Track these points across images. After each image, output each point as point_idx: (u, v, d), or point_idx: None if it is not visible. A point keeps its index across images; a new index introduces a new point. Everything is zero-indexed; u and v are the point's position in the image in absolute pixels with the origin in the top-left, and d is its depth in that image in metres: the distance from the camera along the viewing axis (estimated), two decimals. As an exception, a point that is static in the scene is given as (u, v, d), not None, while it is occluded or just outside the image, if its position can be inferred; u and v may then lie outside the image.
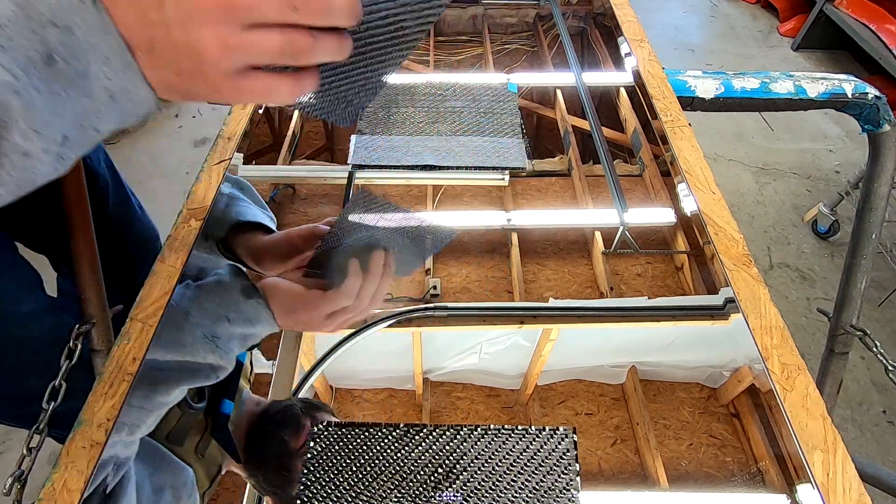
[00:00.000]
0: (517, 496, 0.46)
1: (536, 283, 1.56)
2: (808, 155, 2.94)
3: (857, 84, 0.88)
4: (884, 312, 2.22)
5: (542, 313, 1.23)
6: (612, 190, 1.11)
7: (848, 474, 0.46)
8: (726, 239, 0.63)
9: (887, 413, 1.93)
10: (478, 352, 1.34)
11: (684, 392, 1.37)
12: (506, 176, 1.38)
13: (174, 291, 0.57)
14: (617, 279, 1.53)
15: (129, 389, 0.52)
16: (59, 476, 0.47)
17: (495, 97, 0.71)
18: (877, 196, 0.93)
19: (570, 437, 0.49)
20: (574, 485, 0.46)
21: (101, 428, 0.49)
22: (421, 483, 0.47)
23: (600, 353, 1.37)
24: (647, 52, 0.91)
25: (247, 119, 0.81)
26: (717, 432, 1.29)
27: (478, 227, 1.68)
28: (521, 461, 0.47)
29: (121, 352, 0.54)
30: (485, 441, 0.49)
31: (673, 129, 0.76)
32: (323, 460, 0.51)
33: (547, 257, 1.62)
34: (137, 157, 2.85)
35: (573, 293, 1.53)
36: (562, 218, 1.69)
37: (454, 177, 1.34)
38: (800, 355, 0.54)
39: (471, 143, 0.65)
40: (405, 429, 0.50)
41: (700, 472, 1.23)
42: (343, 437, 0.52)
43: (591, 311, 1.23)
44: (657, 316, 1.21)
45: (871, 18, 3.09)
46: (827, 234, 2.47)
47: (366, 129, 0.68)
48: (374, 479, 0.48)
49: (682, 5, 4.20)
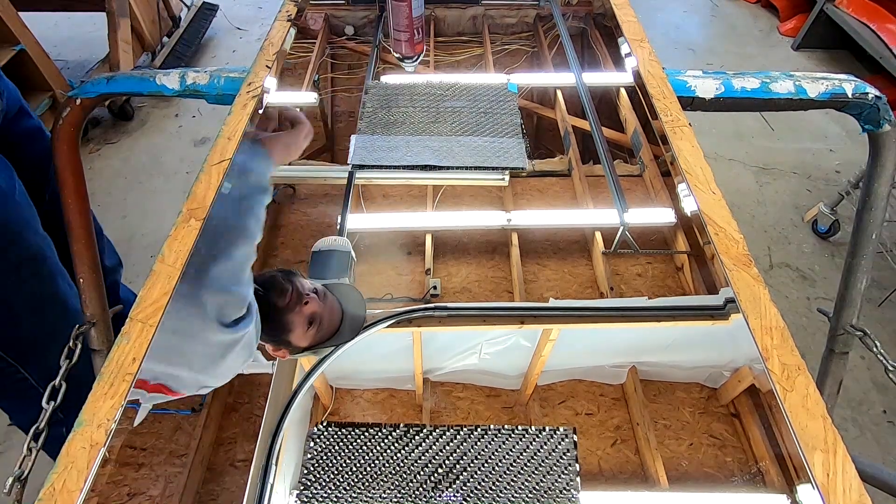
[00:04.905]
0: (517, 496, 0.46)
1: (536, 283, 1.56)
2: (809, 155, 2.94)
3: (857, 84, 0.88)
4: (884, 312, 2.22)
5: (542, 313, 1.23)
6: (613, 190, 1.11)
7: (848, 474, 0.46)
8: (726, 239, 0.63)
9: (887, 413, 1.93)
10: (478, 352, 1.34)
11: (684, 392, 1.37)
12: (506, 176, 1.37)
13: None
14: (617, 279, 1.53)
15: (128, 389, 0.52)
16: (59, 476, 0.47)
17: (495, 97, 0.71)
18: (877, 196, 0.93)
19: (570, 437, 0.48)
20: (574, 485, 0.46)
21: (101, 428, 0.49)
22: (421, 483, 0.47)
23: (600, 353, 1.37)
24: (648, 52, 0.91)
25: (247, 119, 0.81)
26: (717, 432, 1.29)
27: (478, 227, 1.68)
28: (521, 461, 0.47)
29: (121, 352, 0.54)
30: (485, 441, 0.49)
31: (673, 129, 0.76)
32: (323, 460, 0.51)
33: (547, 257, 1.62)
34: (137, 157, 2.85)
35: (573, 293, 1.53)
36: (562, 218, 1.69)
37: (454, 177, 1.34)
38: (800, 355, 0.53)
39: (471, 143, 0.65)
40: (405, 429, 0.50)
41: (700, 472, 1.23)
42: (343, 437, 0.52)
43: (592, 312, 1.22)
44: (657, 316, 1.21)
45: (872, 18, 3.09)
46: (827, 234, 2.47)
47: (366, 129, 0.68)
48: (374, 480, 0.48)
49: (683, 5, 4.20)
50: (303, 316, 0.88)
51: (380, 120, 0.70)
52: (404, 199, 1.74)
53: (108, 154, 2.85)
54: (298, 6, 1.11)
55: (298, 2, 1.12)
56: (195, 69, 0.89)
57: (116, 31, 2.82)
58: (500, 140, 0.65)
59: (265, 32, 1.03)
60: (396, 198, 1.75)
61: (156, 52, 3.19)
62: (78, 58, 3.48)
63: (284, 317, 0.87)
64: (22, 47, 2.49)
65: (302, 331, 0.87)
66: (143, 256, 2.32)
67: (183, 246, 0.63)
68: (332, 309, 0.94)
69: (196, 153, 2.91)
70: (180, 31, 3.39)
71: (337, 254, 0.97)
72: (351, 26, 2.37)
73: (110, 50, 2.86)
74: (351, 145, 0.66)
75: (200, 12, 3.61)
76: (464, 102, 0.71)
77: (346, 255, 0.95)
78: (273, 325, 0.87)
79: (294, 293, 0.88)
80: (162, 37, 3.28)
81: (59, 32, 3.69)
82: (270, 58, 0.93)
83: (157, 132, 3.03)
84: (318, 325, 0.89)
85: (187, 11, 3.57)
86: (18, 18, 2.47)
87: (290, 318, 0.87)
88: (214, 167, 0.73)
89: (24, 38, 2.50)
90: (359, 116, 0.68)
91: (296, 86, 2.09)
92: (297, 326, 0.87)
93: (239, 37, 3.79)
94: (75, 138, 0.87)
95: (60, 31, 3.69)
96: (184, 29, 3.42)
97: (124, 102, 3.01)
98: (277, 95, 1.18)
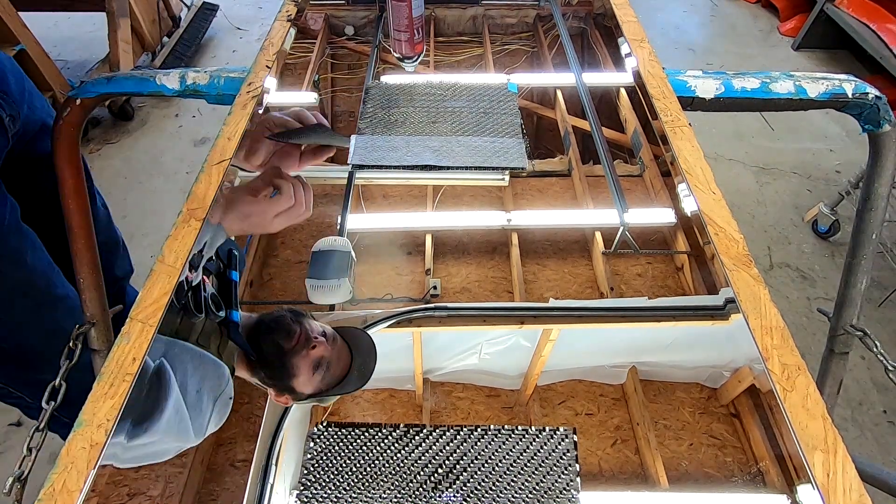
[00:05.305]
0: (517, 496, 0.46)
1: (536, 283, 1.56)
2: (809, 154, 2.94)
3: (857, 84, 0.88)
4: (884, 312, 2.22)
5: (542, 313, 1.23)
6: (613, 190, 1.11)
7: (848, 474, 0.46)
8: (726, 239, 0.63)
9: (887, 413, 1.93)
10: (478, 352, 1.34)
11: (684, 392, 1.37)
12: (506, 176, 1.37)
13: None
14: (617, 279, 1.53)
15: (129, 389, 0.52)
16: (59, 476, 0.47)
17: (495, 97, 0.71)
18: (877, 196, 0.93)
19: (570, 437, 0.48)
20: (574, 485, 0.46)
21: (101, 428, 0.49)
22: (421, 483, 0.47)
23: (600, 353, 1.37)
24: (648, 52, 0.91)
25: (247, 119, 0.81)
26: (717, 432, 1.29)
27: (478, 227, 1.68)
28: (521, 461, 0.47)
29: (121, 352, 0.54)
30: (485, 441, 0.49)
31: (673, 129, 0.76)
32: (323, 460, 0.51)
33: (547, 257, 1.62)
34: (137, 157, 2.85)
35: (573, 293, 1.53)
36: (562, 218, 1.69)
37: (454, 177, 1.34)
38: (800, 355, 0.53)
39: (471, 143, 0.65)
40: (405, 429, 0.50)
41: (700, 472, 1.23)
42: (343, 437, 0.52)
43: (592, 312, 1.22)
44: (657, 316, 1.21)
45: (872, 18, 3.09)
46: (827, 234, 2.47)
47: (366, 129, 0.68)
48: (374, 480, 0.48)
49: (683, 5, 4.20)
50: (309, 360, 0.85)
51: (380, 120, 0.70)
52: (404, 199, 1.74)
53: (108, 154, 2.84)
54: (298, 6, 1.11)
55: (298, 2, 1.12)
56: (195, 69, 0.89)
57: (116, 31, 2.81)
58: (500, 140, 0.65)
59: (265, 32, 1.03)
60: (396, 198, 1.75)
61: (156, 52, 3.19)
62: (78, 58, 3.48)
63: (290, 360, 0.84)
64: (22, 47, 2.49)
65: (307, 376, 0.84)
66: (143, 256, 2.32)
67: (183, 246, 0.63)
68: (340, 354, 0.90)
69: (196, 153, 2.91)
70: (180, 31, 3.39)
71: (337, 254, 0.96)
72: (351, 26, 2.37)
73: (110, 50, 2.86)
74: (351, 145, 0.66)
75: (200, 12, 3.61)
76: (464, 102, 0.71)
77: (346, 255, 0.95)
78: (277, 368, 0.85)
79: (302, 335, 0.85)
80: (162, 37, 3.28)
81: (59, 32, 3.69)
82: (270, 58, 0.93)
83: (157, 132, 3.03)
84: (324, 370, 0.85)
85: (187, 11, 3.56)
86: (18, 18, 2.47)
87: (295, 362, 0.84)
88: (214, 167, 0.73)
89: (24, 38, 2.50)
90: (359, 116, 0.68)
91: (296, 86, 2.09)
92: (303, 371, 0.84)
93: (239, 37, 3.79)
94: (75, 138, 0.87)
95: (60, 31, 3.69)
96: (184, 29, 3.42)
97: (124, 102, 3.01)
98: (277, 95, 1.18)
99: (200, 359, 0.78)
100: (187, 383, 0.74)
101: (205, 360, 0.78)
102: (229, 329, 0.84)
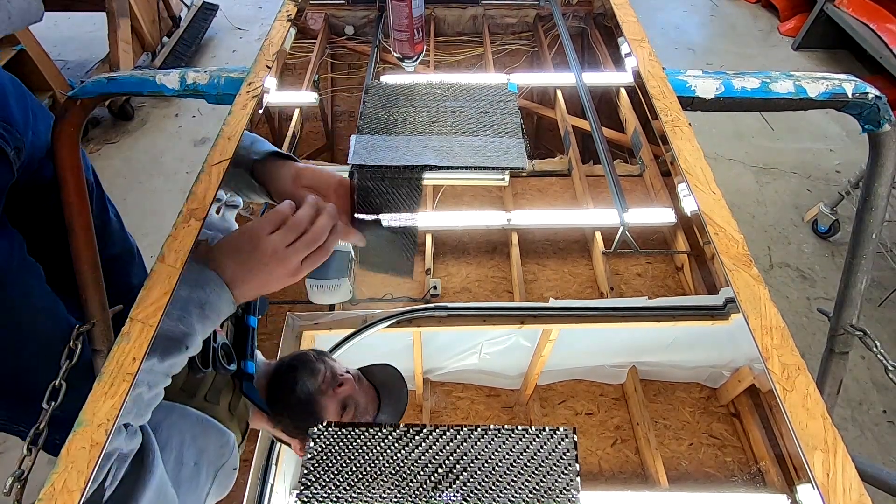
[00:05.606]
0: (517, 496, 0.46)
1: (536, 283, 1.56)
2: (809, 154, 2.93)
3: (857, 84, 0.88)
4: (884, 312, 2.22)
5: (542, 313, 1.23)
6: (613, 190, 1.11)
7: (848, 474, 0.46)
8: (726, 239, 0.63)
9: (887, 413, 1.92)
10: (478, 352, 1.34)
11: (684, 392, 1.37)
12: (506, 176, 1.37)
13: None
14: (617, 279, 1.53)
15: (128, 389, 0.52)
16: (59, 476, 0.47)
17: (495, 97, 0.71)
18: (877, 196, 0.92)
19: (570, 437, 0.48)
20: (574, 485, 0.46)
21: (101, 428, 0.49)
22: (421, 483, 0.47)
23: (600, 353, 1.37)
24: (648, 52, 0.90)
25: (247, 119, 0.81)
26: (717, 432, 1.29)
27: (478, 227, 1.68)
28: (521, 461, 0.47)
29: (121, 352, 0.54)
30: (485, 441, 0.49)
31: (673, 129, 0.76)
32: (323, 460, 0.51)
33: (547, 257, 1.63)
34: (137, 157, 2.85)
35: (573, 293, 1.53)
36: (562, 218, 1.69)
37: (454, 177, 1.34)
38: (800, 355, 0.53)
39: (471, 143, 0.65)
40: (405, 429, 0.50)
41: (700, 472, 1.23)
42: (343, 437, 0.52)
43: (592, 312, 1.23)
44: (657, 316, 1.21)
45: (872, 18, 3.09)
46: (827, 234, 2.47)
47: (366, 129, 0.68)
48: (374, 480, 0.48)
49: (683, 5, 4.19)
50: (336, 399, 0.80)
51: (380, 120, 0.70)
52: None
53: (108, 154, 2.84)
54: (298, 6, 1.11)
55: (298, 2, 1.12)
56: (195, 69, 0.89)
57: (116, 31, 2.81)
58: (500, 140, 0.65)
59: (265, 32, 1.03)
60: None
61: (156, 52, 3.19)
62: (78, 58, 3.48)
63: (317, 400, 0.79)
64: (22, 47, 2.49)
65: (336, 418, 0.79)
66: (143, 256, 2.32)
67: (183, 246, 0.62)
68: (368, 394, 0.85)
69: (196, 153, 2.91)
70: (180, 31, 3.39)
71: (337, 254, 0.95)
72: (351, 26, 2.37)
73: (110, 50, 2.86)
74: (351, 145, 0.66)
75: (200, 12, 3.61)
76: (464, 102, 0.71)
77: (346, 255, 0.95)
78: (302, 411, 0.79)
79: (328, 373, 0.81)
80: (162, 37, 3.28)
81: (59, 32, 3.68)
82: (270, 58, 0.93)
83: (157, 132, 3.03)
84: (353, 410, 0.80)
85: (187, 11, 3.56)
86: (18, 18, 2.47)
87: (323, 402, 0.79)
88: (214, 167, 0.73)
89: (24, 38, 2.50)
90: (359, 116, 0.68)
91: (296, 86, 2.09)
92: (331, 412, 0.79)
93: (239, 37, 3.79)
94: (75, 138, 0.87)
95: (60, 31, 3.69)
96: (184, 29, 3.42)
97: (124, 102, 3.01)
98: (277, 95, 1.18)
99: (202, 426, 0.69)
100: (184, 455, 0.66)
101: (207, 428, 0.70)
102: (242, 383, 0.77)
